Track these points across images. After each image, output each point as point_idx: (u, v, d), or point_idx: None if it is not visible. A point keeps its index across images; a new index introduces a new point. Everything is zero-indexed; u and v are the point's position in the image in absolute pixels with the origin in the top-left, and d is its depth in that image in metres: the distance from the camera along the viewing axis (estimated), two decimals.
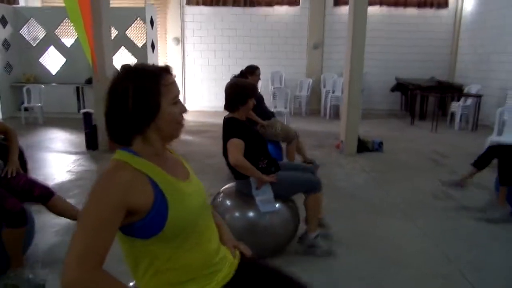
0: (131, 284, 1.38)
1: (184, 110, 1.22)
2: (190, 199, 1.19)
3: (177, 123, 1.20)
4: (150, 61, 8.89)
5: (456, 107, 8.30)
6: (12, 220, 2.25)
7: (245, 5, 10.00)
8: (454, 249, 2.96)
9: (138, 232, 1.11)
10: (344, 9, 9.58)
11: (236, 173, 2.75)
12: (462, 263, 2.74)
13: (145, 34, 8.93)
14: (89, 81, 9.01)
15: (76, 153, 5.75)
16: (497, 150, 3.67)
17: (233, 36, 10.25)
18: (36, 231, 2.78)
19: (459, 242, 3.09)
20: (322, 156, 5.52)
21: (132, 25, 8.95)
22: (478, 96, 7.99)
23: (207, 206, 1.32)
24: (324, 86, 9.94)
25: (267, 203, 2.65)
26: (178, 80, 10.11)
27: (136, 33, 9.11)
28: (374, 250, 2.92)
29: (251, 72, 4.77)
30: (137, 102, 1.11)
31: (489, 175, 4.01)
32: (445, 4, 9.95)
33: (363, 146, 6.01)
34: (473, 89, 8.46)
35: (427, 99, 9.28)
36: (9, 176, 2.45)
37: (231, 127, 2.70)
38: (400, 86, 9.78)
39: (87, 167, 5.07)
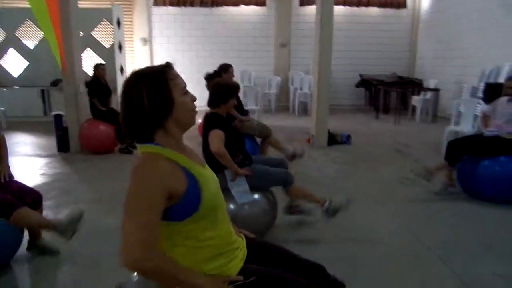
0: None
1: (194, 98, 1.33)
2: (211, 182, 1.32)
3: (191, 111, 1.31)
4: (118, 62, 8.81)
5: (416, 101, 8.78)
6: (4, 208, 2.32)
7: (212, 5, 10.08)
8: (422, 228, 3.23)
9: (175, 215, 1.22)
10: (310, 9, 9.89)
11: (211, 167, 2.86)
12: (430, 240, 3.00)
13: (111, 35, 8.82)
14: (54, 84, 8.79)
15: (47, 156, 5.64)
16: (458, 144, 3.93)
17: (201, 36, 10.30)
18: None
19: (425, 221, 3.38)
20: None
21: (98, 26, 8.82)
22: (436, 90, 8.51)
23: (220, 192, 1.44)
24: (292, 84, 10.20)
25: (243, 195, 2.80)
26: None
27: (103, 34, 8.97)
28: (349, 232, 3.14)
29: (224, 70, 4.92)
30: (152, 100, 1.21)
31: None
32: (404, 5, 10.49)
33: (332, 140, 6.29)
34: (431, 83, 8.99)
35: (389, 94, 9.74)
36: (2, 181, 2.46)
37: (213, 121, 2.83)
38: (364, 82, 10.20)
39: (60, 169, 5.00)
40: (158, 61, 10.20)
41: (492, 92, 5.78)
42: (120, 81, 8.86)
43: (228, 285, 1.28)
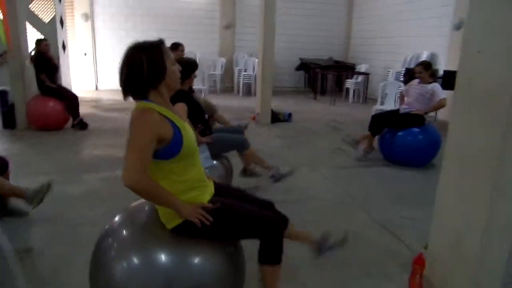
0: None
1: (180, 68, 1.72)
2: (190, 132, 1.72)
3: (178, 78, 1.71)
4: (60, 38, 8.59)
5: (350, 83, 9.66)
6: None
7: None
8: (348, 186, 3.91)
9: (162, 155, 1.60)
10: None
11: None
12: (354, 194, 3.69)
13: (51, 9, 8.55)
14: None
15: None
16: (379, 118, 4.69)
17: (146, 15, 10.28)
18: None
19: (351, 181, 4.07)
20: None
21: None
22: (366, 74, 9.42)
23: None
24: (237, 65, 10.61)
25: (205, 160, 3.23)
26: (89, 58, 9.73)
27: (41, 8, 8.66)
28: (291, 191, 3.72)
29: (174, 48, 5.16)
30: (150, 69, 1.57)
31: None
32: None
33: (275, 118, 6.88)
34: (363, 68, 9.91)
35: (326, 77, 10.54)
36: None
37: (177, 95, 3.18)
38: (304, 66, 10.91)
39: (11, 145, 5.03)
40: (101, 39, 10.10)
41: (410, 76, 6.67)
42: (63, 59, 8.66)
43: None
